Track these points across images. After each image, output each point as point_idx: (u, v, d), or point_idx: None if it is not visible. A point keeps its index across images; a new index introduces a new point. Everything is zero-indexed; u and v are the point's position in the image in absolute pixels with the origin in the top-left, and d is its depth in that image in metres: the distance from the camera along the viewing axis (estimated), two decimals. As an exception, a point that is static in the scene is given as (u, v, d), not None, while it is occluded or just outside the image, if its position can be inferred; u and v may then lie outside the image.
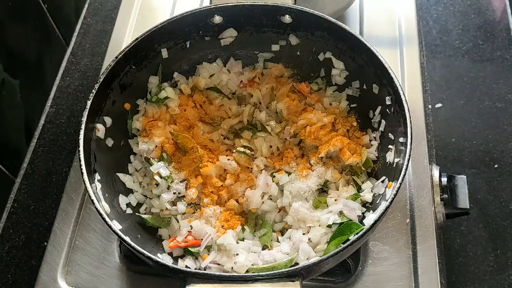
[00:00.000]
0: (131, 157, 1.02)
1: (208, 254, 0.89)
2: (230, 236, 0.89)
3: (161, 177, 0.96)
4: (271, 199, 0.98)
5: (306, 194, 0.96)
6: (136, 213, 0.94)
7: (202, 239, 0.90)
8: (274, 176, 0.98)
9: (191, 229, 0.92)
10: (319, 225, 0.91)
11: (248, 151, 1.01)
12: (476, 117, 1.25)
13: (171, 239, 0.92)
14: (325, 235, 0.89)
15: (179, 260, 0.90)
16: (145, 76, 1.04)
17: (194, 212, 0.96)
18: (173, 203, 0.96)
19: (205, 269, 0.87)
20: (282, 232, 0.96)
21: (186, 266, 0.88)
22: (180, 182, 0.97)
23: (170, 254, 0.92)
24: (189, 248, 0.90)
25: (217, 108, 1.08)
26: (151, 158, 0.98)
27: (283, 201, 0.96)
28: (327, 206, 0.94)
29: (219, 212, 0.95)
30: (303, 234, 0.91)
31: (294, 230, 0.93)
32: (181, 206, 0.95)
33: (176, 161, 1.00)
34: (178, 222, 0.94)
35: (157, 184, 0.96)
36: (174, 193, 0.95)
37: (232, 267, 0.86)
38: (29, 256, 1.04)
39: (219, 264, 0.88)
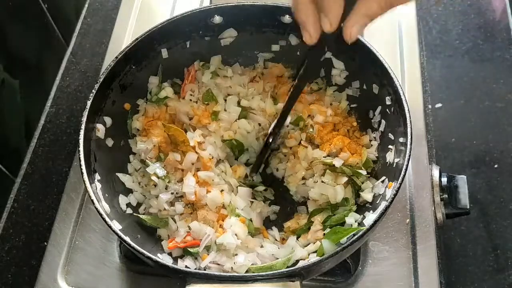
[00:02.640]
0: (131, 157, 1.02)
1: (208, 254, 0.89)
2: (229, 236, 0.89)
3: (158, 177, 0.95)
4: None
5: None
6: (135, 213, 0.94)
7: (201, 239, 0.90)
8: None
9: (190, 229, 0.92)
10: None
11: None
12: (476, 117, 1.24)
13: (170, 239, 0.92)
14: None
15: (179, 260, 0.90)
16: (145, 76, 1.04)
17: (191, 213, 0.95)
18: (171, 204, 0.96)
19: (205, 269, 0.87)
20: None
21: (186, 266, 0.88)
22: (177, 182, 0.97)
23: (170, 254, 0.91)
24: (188, 249, 0.90)
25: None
26: (147, 160, 0.98)
27: None
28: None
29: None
30: None
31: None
32: (179, 207, 0.94)
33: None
34: (175, 222, 0.94)
35: (155, 185, 0.96)
36: (172, 193, 0.95)
37: (231, 267, 0.86)
38: (29, 256, 1.04)
39: (218, 264, 0.88)
